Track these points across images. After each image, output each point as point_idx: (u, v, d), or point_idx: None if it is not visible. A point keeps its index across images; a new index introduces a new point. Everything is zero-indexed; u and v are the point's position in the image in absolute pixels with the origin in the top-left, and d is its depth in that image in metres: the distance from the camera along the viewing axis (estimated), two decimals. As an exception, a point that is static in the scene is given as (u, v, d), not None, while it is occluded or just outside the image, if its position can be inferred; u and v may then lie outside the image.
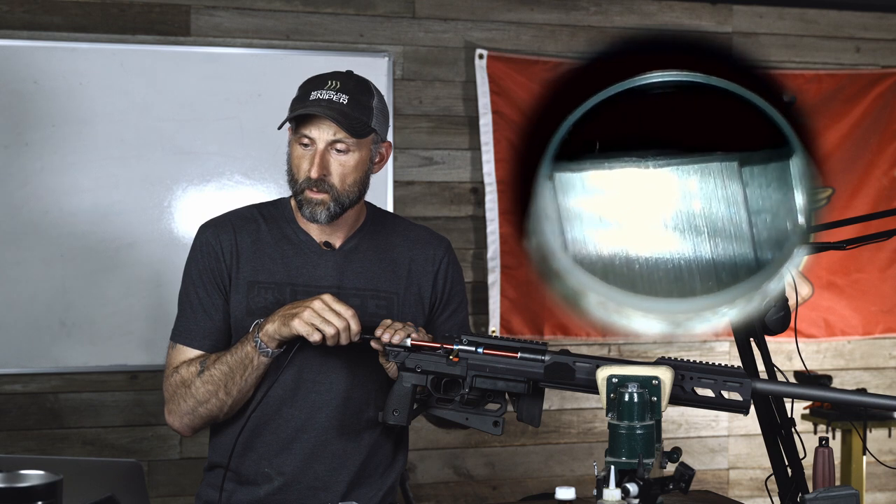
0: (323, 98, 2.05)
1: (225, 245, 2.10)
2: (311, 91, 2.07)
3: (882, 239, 2.07)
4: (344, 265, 2.12)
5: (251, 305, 2.07)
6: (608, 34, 4.30)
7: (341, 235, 2.14)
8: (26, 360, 3.69)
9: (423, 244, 2.21)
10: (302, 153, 2.06)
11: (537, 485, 4.14)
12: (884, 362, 4.59)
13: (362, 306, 2.09)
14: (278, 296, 2.08)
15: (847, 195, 4.46)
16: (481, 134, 4.09)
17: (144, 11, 3.81)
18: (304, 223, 2.13)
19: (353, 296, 2.10)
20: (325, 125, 2.03)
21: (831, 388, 2.29)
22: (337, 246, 2.14)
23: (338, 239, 2.14)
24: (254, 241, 2.12)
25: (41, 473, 1.39)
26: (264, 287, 2.08)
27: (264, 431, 2.08)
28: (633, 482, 1.53)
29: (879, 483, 4.58)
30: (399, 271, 2.16)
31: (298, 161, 2.07)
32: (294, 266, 2.10)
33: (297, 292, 2.08)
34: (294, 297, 2.07)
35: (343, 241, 2.14)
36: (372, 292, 2.12)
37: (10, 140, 3.67)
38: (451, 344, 1.82)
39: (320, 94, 2.05)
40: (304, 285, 2.09)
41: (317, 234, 2.13)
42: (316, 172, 2.03)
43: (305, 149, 2.06)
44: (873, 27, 4.55)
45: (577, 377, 1.75)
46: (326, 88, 2.06)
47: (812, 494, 1.70)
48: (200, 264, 2.11)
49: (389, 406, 1.86)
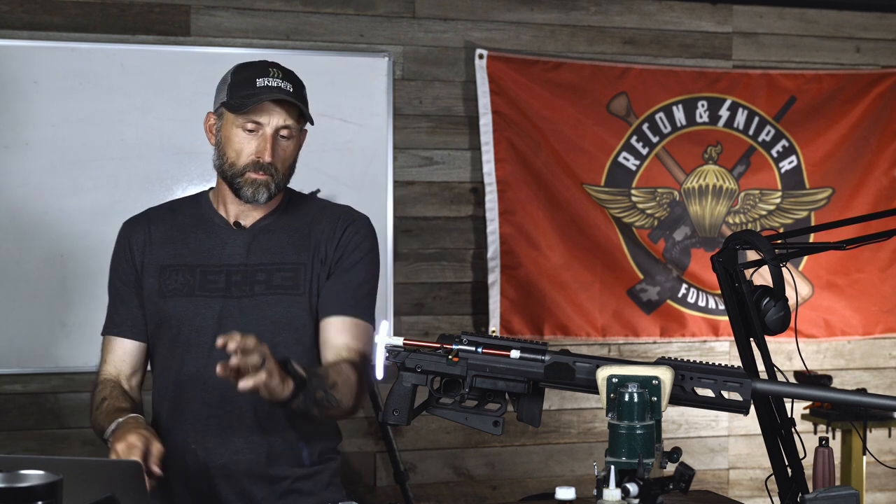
0: (272, 85, 2.12)
1: (137, 237, 2.21)
2: (254, 78, 2.14)
3: (882, 239, 2.07)
4: (251, 243, 2.18)
5: (163, 287, 2.16)
6: (608, 34, 4.30)
7: (255, 215, 2.21)
8: (26, 360, 3.69)
9: (334, 215, 2.25)
10: (245, 137, 2.12)
11: (537, 485, 4.14)
12: (884, 362, 4.59)
13: (268, 280, 2.15)
14: (189, 277, 2.16)
15: (847, 195, 4.46)
16: (481, 134, 4.09)
17: (144, 11, 3.82)
18: (222, 207, 2.21)
19: (259, 270, 2.16)
20: (275, 112, 2.12)
21: (831, 388, 2.29)
22: (247, 226, 2.20)
23: (251, 219, 2.21)
24: (168, 228, 2.21)
25: (41, 473, 1.39)
26: (174, 269, 2.17)
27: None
28: (633, 482, 1.53)
29: (879, 483, 4.58)
30: (307, 243, 2.21)
31: (240, 145, 2.13)
32: (206, 248, 2.18)
33: (207, 272, 2.15)
34: (204, 277, 2.15)
35: (256, 220, 2.21)
36: (278, 265, 2.17)
37: (10, 140, 3.67)
38: (450, 344, 1.82)
39: (268, 82, 2.13)
40: (213, 265, 2.16)
41: (231, 216, 2.21)
42: (269, 157, 2.11)
43: (250, 133, 2.12)
44: (873, 27, 4.56)
45: (577, 377, 1.75)
46: (271, 77, 2.15)
47: (812, 494, 1.70)
48: (116, 257, 2.24)
49: (389, 406, 1.86)
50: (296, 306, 2.16)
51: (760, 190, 4.42)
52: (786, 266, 1.94)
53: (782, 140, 4.42)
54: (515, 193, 4.12)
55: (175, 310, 2.15)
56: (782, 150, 4.43)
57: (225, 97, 2.16)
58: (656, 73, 4.30)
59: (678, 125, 4.33)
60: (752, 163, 4.41)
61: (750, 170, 4.41)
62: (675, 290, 4.32)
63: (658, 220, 4.31)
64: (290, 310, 2.15)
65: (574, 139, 4.19)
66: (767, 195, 4.43)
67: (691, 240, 4.35)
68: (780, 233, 2.24)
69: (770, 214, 4.43)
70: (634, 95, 4.27)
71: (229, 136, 2.15)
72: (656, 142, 4.30)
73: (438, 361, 1.82)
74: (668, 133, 4.32)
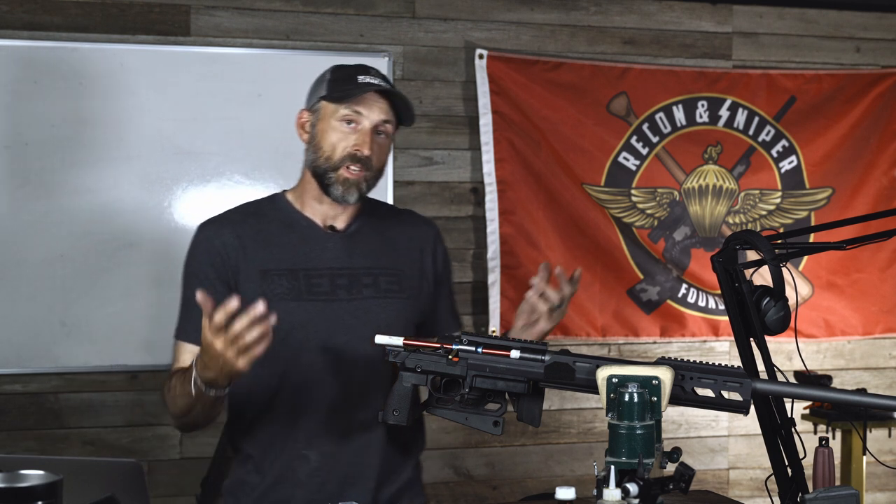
0: (373, 82, 2.10)
1: (227, 239, 2.12)
2: (355, 75, 2.11)
3: (882, 239, 2.07)
4: (351, 247, 2.16)
5: (267, 293, 2.08)
6: (608, 34, 4.30)
7: (345, 219, 2.18)
8: (26, 360, 3.69)
9: (413, 224, 2.30)
10: (344, 130, 2.09)
11: (537, 485, 4.14)
12: (884, 362, 4.59)
13: (375, 284, 2.14)
14: (293, 281, 2.10)
15: (847, 195, 4.46)
16: (481, 134, 4.09)
17: (144, 11, 3.82)
18: (309, 210, 2.16)
19: (365, 274, 2.14)
20: (376, 106, 2.10)
21: (831, 388, 2.29)
22: (340, 229, 2.17)
23: (341, 223, 2.18)
24: (257, 231, 2.14)
25: (41, 473, 1.39)
26: (277, 274, 2.10)
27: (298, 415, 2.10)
28: (633, 482, 1.53)
29: (879, 483, 4.58)
30: (400, 249, 2.22)
31: (338, 138, 2.10)
32: (303, 251, 2.13)
33: (310, 276, 2.11)
34: (308, 281, 2.10)
35: (346, 225, 2.18)
36: (381, 270, 2.17)
37: (10, 140, 3.67)
38: (450, 344, 1.82)
39: (369, 79, 2.11)
40: (316, 269, 2.11)
41: (320, 219, 2.16)
42: (368, 150, 2.08)
43: (348, 126, 2.09)
44: (873, 27, 4.55)
45: (577, 377, 1.75)
46: (371, 75, 2.12)
47: (812, 494, 1.70)
48: (199, 261, 2.13)
49: (389, 406, 1.86)
50: (403, 310, 2.16)
51: (760, 190, 4.42)
52: (786, 266, 1.93)
53: (782, 140, 4.42)
54: (515, 193, 4.12)
55: (283, 315, 2.04)
56: (782, 150, 4.43)
57: (324, 91, 2.13)
58: (656, 73, 4.30)
59: (678, 125, 4.33)
60: (752, 163, 4.41)
61: (750, 170, 4.40)
62: (675, 290, 4.32)
63: (658, 220, 4.30)
64: (399, 313, 2.15)
65: (574, 139, 4.19)
66: (767, 195, 4.43)
67: (691, 240, 4.35)
68: (780, 233, 2.24)
69: (770, 214, 4.42)
70: (634, 95, 4.27)
71: (326, 129, 2.12)
72: (656, 142, 4.30)
73: (438, 361, 1.82)
74: (668, 133, 4.32)
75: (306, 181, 2.18)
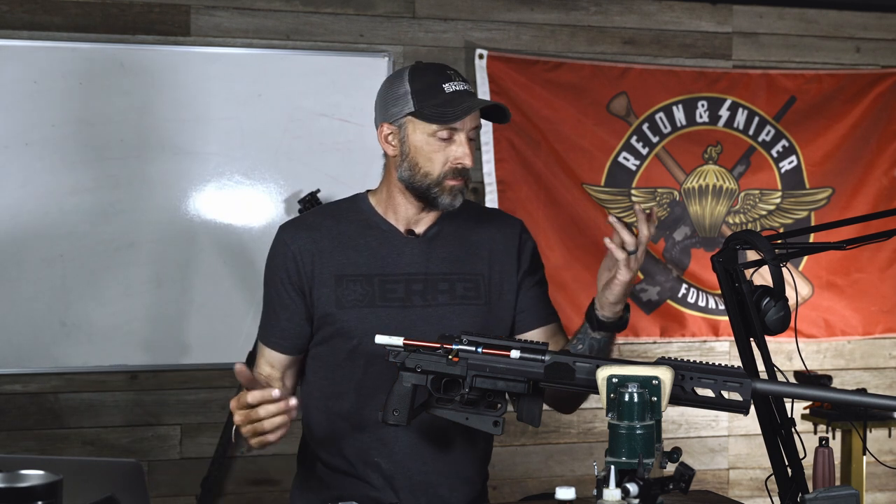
0: (460, 89, 2.06)
1: (303, 244, 2.10)
2: (439, 84, 2.06)
3: (882, 239, 2.07)
4: (429, 251, 2.13)
5: (341, 298, 2.07)
6: (608, 34, 4.30)
7: (426, 223, 2.15)
8: (26, 360, 3.69)
9: (499, 224, 2.24)
10: (440, 144, 2.05)
11: (537, 485, 4.14)
12: (884, 362, 4.59)
13: (451, 290, 2.11)
14: (367, 287, 2.09)
15: (847, 195, 4.46)
16: (481, 134, 4.08)
17: (144, 11, 3.82)
18: (392, 214, 2.14)
19: (441, 280, 2.12)
20: (468, 117, 2.05)
21: (831, 388, 2.29)
22: (420, 233, 2.15)
23: (422, 227, 2.15)
24: (335, 235, 2.12)
25: (41, 473, 1.39)
26: (352, 280, 2.09)
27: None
28: (633, 482, 1.53)
29: (879, 483, 4.58)
30: (481, 252, 2.18)
31: (436, 153, 2.06)
32: (379, 256, 2.11)
33: (385, 281, 2.09)
34: (383, 287, 2.09)
35: (426, 229, 2.15)
36: (459, 275, 2.14)
37: (10, 140, 3.67)
38: (450, 344, 1.82)
39: (455, 87, 2.06)
40: (391, 274, 2.10)
41: (401, 223, 2.14)
42: (471, 161, 2.06)
43: (444, 140, 2.05)
44: (873, 27, 4.56)
45: (577, 377, 1.74)
46: (454, 80, 2.08)
47: (812, 494, 1.69)
48: (275, 265, 2.13)
49: (389, 406, 1.86)
50: (479, 316, 2.13)
51: (760, 190, 4.42)
52: (786, 266, 1.93)
53: (782, 140, 4.42)
54: (515, 193, 4.12)
55: (356, 321, 2.07)
56: (782, 150, 4.43)
57: (412, 107, 2.05)
58: (656, 73, 4.30)
59: (678, 125, 4.33)
60: (752, 163, 4.41)
61: (750, 170, 4.41)
62: (675, 290, 4.32)
63: (658, 219, 4.31)
64: (474, 320, 2.12)
65: (574, 139, 4.19)
66: (767, 195, 4.43)
67: (691, 240, 4.35)
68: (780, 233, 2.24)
69: (770, 214, 4.43)
70: (634, 95, 4.27)
71: (420, 145, 2.06)
72: (656, 142, 4.31)
73: (438, 361, 1.82)
74: (668, 133, 4.32)
75: (393, 189, 2.13)
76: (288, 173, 3.89)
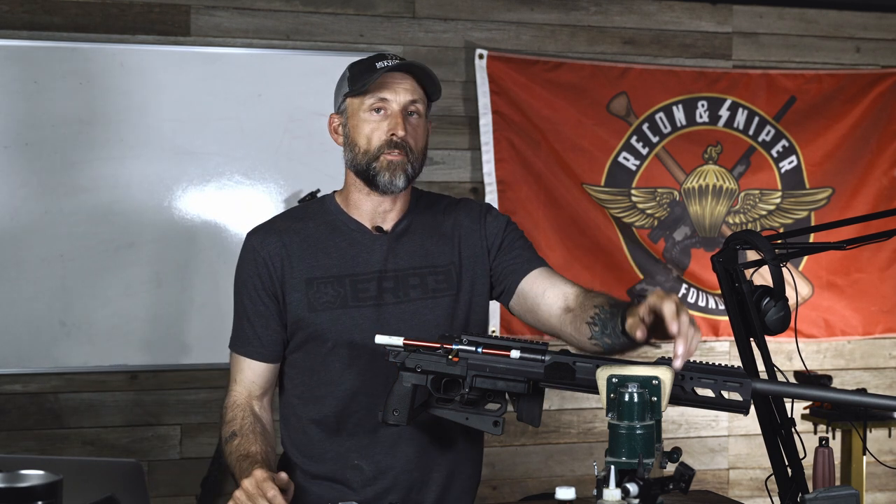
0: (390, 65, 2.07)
1: (272, 249, 2.09)
2: (372, 63, 2.08)
3: (882, 239, 2.07)
4: (397, 247, 2.11)
5: (312, 302, 2.06)
6: (608, 34, 4.30)
7: (393, 218, 2.13)
8: (26, 360, 3.69)
9: (466, 209, 2.21)
10: (374, 119, 2.06)
11: (537, 485, 4.14)
12: (884, 362, 4.59)
13: (422, 284, 2.09)
14: (339, 288, 2.06)
15: (847, 195, 4.46)
16: (481, 134, 4.09)
17: (144, 11, 3.82)
18: (355, 211, 2.13)
19: (412, 275, 2.09)
20: (400, 88, 2.06)
21: (831, 388, 2.29)
22: (388, 229, 2.12)
23: (389, 222, 2.13)
24: (303, 238, 2.10)
25: (41, 473, 1.39)
26: (323, 282, 2.07)
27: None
28: (633, 482, 1.53)
29: (879, 483, 4.58)
30: (451, 241, 2.15)
31: (370, 128, 2.06)
32: (349, 256, 2.09)
33: (356, 281, 2.07)
34: (354, 287, 2.06)
35: (394, 224, 2.13)
36: (429, 269, 2.11)
37: (10, 140, 3.67)
38: (450, 344, 1.82)
39: (387, 63, 2.07)
40: (362, 273, 2.08)
41: (368, 220, 2.12)
42: (402, 130, 2.04)
43: (377, 114, 2.06)
44: (873, 27, 4.56)
45: (577, 377, 1.74)
46: (388, 59, 2.09)
47: (812, 494, 1.70)
48: (246, 272, 2.11)
49: (389, 406, 1.86)
50: (454, 307, 2.10)
51: (760, 190, 4.42)
52: (786, 266, 1.94)
53: (782, 140, 4.42)
54: (515, 193, 4.12)
55: (329, 323, 2.04)
56: (782, 150, 4.43)
57: (346, 88, 2.09)
58: (656, 73, 4.30)
59: (678, 125, 4.33)
60: (752, 163, 4.41)
61: (750, 170, 4.40)
62: (675, 290, 4.32)
63: (658, 220, 4.30)
64: (449, 311, 2.09)
65: (574, 139, 4.19)
66: (767, 195, 4.43)
67: (691, 240, 4.35)
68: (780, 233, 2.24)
69: (770, 214, 4.42)
70: (634, 95, 4.27)
71: (357, 124, 2.07)
72: (656, 142, 4.30)
73: (438, 361, 1.82)
74: (668, 133, 4.32)
75: (350, 182, 2.14)
76: (288, 173, 3.89)
